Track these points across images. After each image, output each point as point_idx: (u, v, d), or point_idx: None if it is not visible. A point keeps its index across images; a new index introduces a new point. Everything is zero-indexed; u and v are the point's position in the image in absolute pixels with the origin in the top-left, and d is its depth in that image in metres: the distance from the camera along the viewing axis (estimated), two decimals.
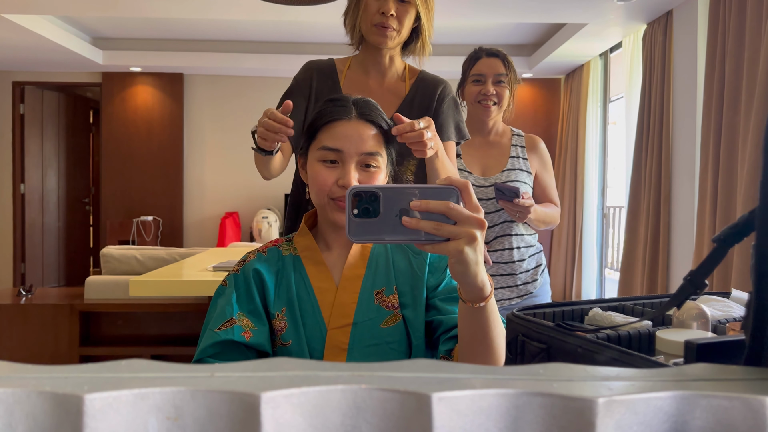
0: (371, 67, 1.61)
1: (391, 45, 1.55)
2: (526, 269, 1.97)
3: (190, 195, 6.66)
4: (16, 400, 0.33)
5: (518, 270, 1.95)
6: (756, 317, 0.40)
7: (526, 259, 1.97)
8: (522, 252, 1.96)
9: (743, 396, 0.34)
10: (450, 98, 1.63)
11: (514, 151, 2.00)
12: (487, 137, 2.02)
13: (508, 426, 0.34)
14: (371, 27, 1.52)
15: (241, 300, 1.04)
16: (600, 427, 0.33)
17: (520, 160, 1.98)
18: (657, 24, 4.17)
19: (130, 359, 0.38)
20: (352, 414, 0.34)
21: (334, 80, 1.61)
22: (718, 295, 1.03)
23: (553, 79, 6.52)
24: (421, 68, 1.67)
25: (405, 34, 1.55)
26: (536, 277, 2.00)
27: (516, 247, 1.95)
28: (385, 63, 1.61)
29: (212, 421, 0.34)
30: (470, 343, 0.83)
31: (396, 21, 1.50)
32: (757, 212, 0.41)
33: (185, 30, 5.72)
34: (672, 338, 0.75)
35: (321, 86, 1.60)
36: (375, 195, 0.69)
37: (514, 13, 4.40)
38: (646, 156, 4.21)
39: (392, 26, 1.50)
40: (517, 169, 1.95)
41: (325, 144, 1.05)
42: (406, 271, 1.08)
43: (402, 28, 1.53)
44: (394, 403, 0.34)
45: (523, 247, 1.97)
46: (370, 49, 1.59)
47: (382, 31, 1.51)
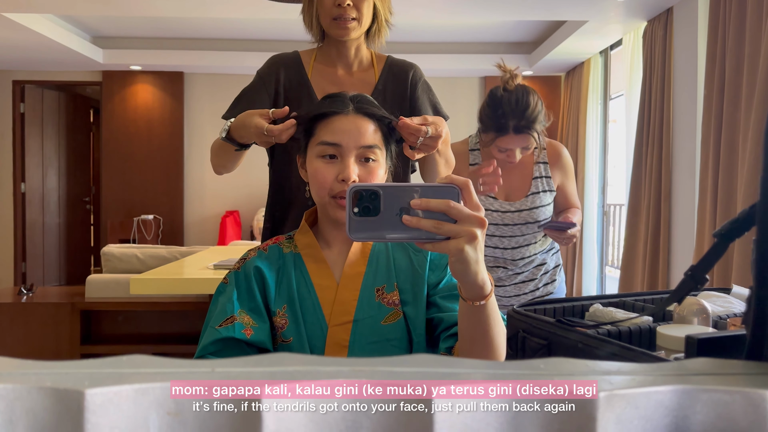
0: (337, 59, 1.59)
1: (354, 36, 1.52)
2: (546, 271, 1.96)
3: (190, 193, 6.66)
4: (17, 395, 0.33)
5: (538, 274, 1.94)
6: (757, 312, 0.40)
7: (546, 262, 1.96)
8: (541, 257, 1.94)
9: (744, 390, 0.34)
10: (422, 81, 1.60)
11: (537, 171, 1.91)
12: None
13: (509, 420, 0.34)
14: (330, 21, 1.49)
15: (242, 297, 1.04)
16: (601, 422, 0.33)
17: (543, 180, 1.92)
18: (657, 21, 4.16)
19: (130, 355, 0.38)
20: (353, 408, 0.34)
21: (301, 72, 1.59)
22: (718, 291, 1.03)
23: (553, 77, 6.51)
24: (388, 54, 1.65)
25: (366, 21, 1.52)
26: (555, 278, 1.98)
27: (535, 254, 1.93)
28: (350, 54, 1.58)
29: (213, 416, 0.34)
30: (470, 341, 0.83)
31: (354, 10, 1.47)
32: (757, 207, 0.41)
33: (186, 28, 5.71)
34: (673, 334, 0.75)
35: (288, 79, 1.57)
36: (375, 193, 0.69)
37: (514, 10, 4.40)
38: (647, 153, 4.21)
39: (351, 16, 1.47)
40: (540, 192, 1.90)
41: (323, 139, 1.05)
42: (407, 269, 1.07)
43: (362, 17, 1.49)
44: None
45: (540, 253, 1.94)
46: (333, 42, 1.57)
47: (343, 23, 1.48)
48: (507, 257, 1.90)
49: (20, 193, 6.49)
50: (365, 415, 0.34)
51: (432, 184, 0.70)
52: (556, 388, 0.33)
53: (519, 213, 1.88)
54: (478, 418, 0.33)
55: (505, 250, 1.90)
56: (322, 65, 1.60)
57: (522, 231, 1.88)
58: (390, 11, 1.59)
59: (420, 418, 0.33)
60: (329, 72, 1.59)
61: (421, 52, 5.89)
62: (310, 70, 1.59)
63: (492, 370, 0.37)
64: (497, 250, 1.90)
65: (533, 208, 1.88)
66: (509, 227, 1.87)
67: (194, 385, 0.34)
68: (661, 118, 4.06)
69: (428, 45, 5.95)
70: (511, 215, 1.88)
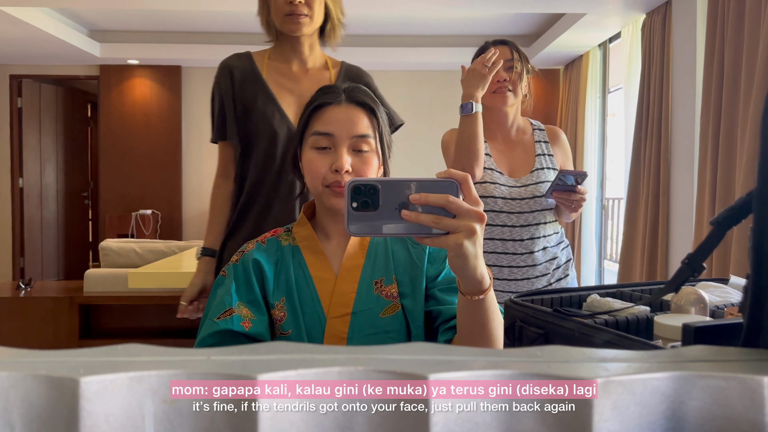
0: (292, 55, 1.64)
1: (307, 31, 1.57)
2: (558, 265, 1.96)
3: (188, 188, 6.65)
4: (12, 383, 0.33)
5: (551, 268, 1.94)
6: (753, 298, 0.40)
7: (558, 256, 1.96)
8: (552, 251, 1.95)
9: (740, 376, 0.34)
10: (377, 91, 1.65)
11: (539, 148, 1.96)
12: (509, 135, 1.98)
13: (505, 409, 0.34)
14: (283, 17, 1.54)
15: (240, 290, 1.04)
16: (597, 408, 0.33)
17: (547, 157, 1.96)
18: (656, 14, 4.15)
19: (126, 344, 0.38)
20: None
21: (254, 70, 1.63)
22: (716, 281, 1.03)
23: (551, 70, 6.50)
24: (342, 59, 1.70)
25: (318, 18, 1.57)
26: (567, 272, 1.99)
27: (546, 235, 1.93)
28: (305, 51, 1.63)
29: (208, 403, 0.34)
30: (469, 335, 0.84)
31: (305, 6, 1.53)
32: (754, 194, 0.41)
33: (183, 22, 5.69)
34: (670, 323, 0.75)
35: (241, 78, 1.62)
36: (374, 188, 0.69)
37: (512, 3, 4.39)
38: (645, 147, 4.21)
39: (303, 12, 1.53)
40: (545, 168, 1.93)
41: (316, 129, 1.05)
42: (405, 261, 1.08)
43: (313, 13, 1.55)
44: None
45: (550, 247, 1.95)
46: (287, 39, 1.62)
47: (295, 18, 1.53)
48: (516, 237, 1.90)
49: (18, 188, 6.48)
50: (363, 414, 0.34)
51: (431, 179, 0.69)
52: (553, 374, 0.33)
53: (525, 187, 1.90)
54: (474, 404, 0.33)
55: (514, 229, 1.89)
56: (276, 62, 1.65)
57: (530, 206, 1.89)
58: (342, 11, 1.65)
59: (416, 416, 0.33)
60: (284, 68, 1.64)
61: (417, 45, 5.88)
62: (264, 67, 1.64)
63: (489, 357, 0.37)
64: (506, 229, 1.90)
65: (538, 183, 1.90)
66: (517, 201, 1.89)
67: (190, 373, 0.34)
68: (659, 112, 4.05)
69: (425, 38, 5.94)
70: (518, 190, 1.90)
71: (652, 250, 4.10)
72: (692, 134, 3.76)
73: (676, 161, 3.97)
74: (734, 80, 3.17)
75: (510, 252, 1.91)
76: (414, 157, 6.05)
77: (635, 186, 4.32)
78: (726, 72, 3.21)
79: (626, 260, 4.37)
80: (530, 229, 1.90)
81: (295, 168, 1.14)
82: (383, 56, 5.97)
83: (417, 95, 6.45)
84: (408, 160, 6.14)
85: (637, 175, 4.30)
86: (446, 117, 6.56)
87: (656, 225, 4.09)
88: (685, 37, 3.86)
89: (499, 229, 1.90)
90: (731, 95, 3.18)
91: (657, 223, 4.08)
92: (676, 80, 3.95)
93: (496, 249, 1.91)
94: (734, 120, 3.16)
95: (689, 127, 3.81)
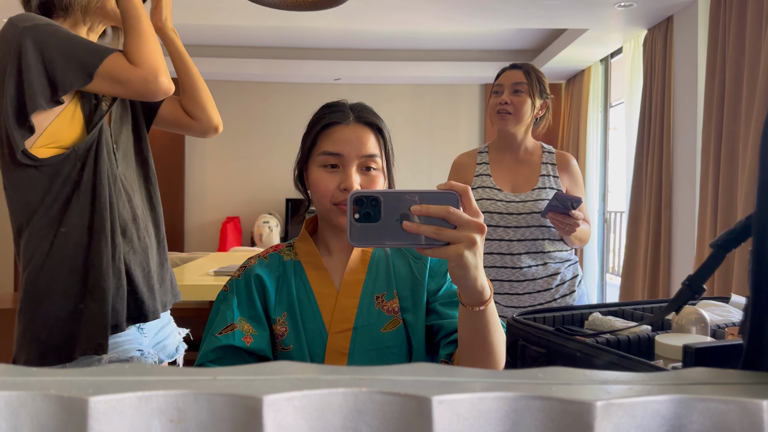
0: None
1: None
2: (562, 281, 1.96)
3: (191, 200, 6.67)
4: (21, 402, 0.33)
5: (553, 284, 1.94)
6: (753, 321, 0.40)
7: (561, 272, 1.95)
8: (555, 266, 1.94)
9: (740, 399, 0.34)
10: None
11: (545, 169, 1.97)
12: (517, 154, 1.99)
13: (508, 429, 0.34)
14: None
15: (242, 305, 1.05)
16: (598, 431, 0.33)
17: (551, 178, 1.96)
18: (657, 30, 4.18)
19: (133, 363, 0.39)
20: (353, 417, 0.34)
21: None
22: (717, 300, 1.03)
23: (553, 85, 6.53)
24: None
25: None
26: (573, 288, 1.98)
27: (546, 251, 1.93)
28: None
29: (215, 424, 0.34)
30: (470, 347, 0.84)
31: None
32: (754, 217, 0.41)
33: (187, 35, 5.73)
34: (671, 343, 0.75)
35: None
36: (376, 199, 0.69)
37: (514, 18, 4.42)
38: (647, 161, 4.21)
39: None
40: (547, 188, 1.93)
41: (325, 149, 1.05)
42: (407, 276, 1.08)
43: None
44: (395, 406, 0.34)
45: (552, 263, 1.94)
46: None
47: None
48: (513, 251, 1.90)
49: None
50: (365, 423, 0.34)
51: (432, 191, 0.70)
52: (554, 397, 0.34)
53: (524, 203, 1.91)
54: (477, 427, 0.34)
55: (511, 243, 1.90)
56: None
57: (527, 221, 1.89)
58: None
59: (419, 426, 0.34)
60: None
61: (422, 59, 5.91)
62: None
63: (491, 379, 0.37)
64: (503, 243, 1.90)
65: (538, 200, 1.91)
66: (513, 216, 1.89)
67: (197, 393, 0.34)
68: (661, 126, 4.07)
69: (429, 52, 5.98)
70: (516, 205, 1.91)
71: (654, 263, 4.09)
72: (694, 148, 3.77)
73: (678, 175, 3.97)
74: (735, 96, 3.18)
75: (509, 266, 1.91)
76: (416, 169, 6.07)
77: (637, 199, 4.33)
78: (727, 87, 3.22)
79: (628, 274, 4.37)
80: (527, 244, 1.91)
81: (300, 185, 1.15)
82: (386, 70, 6.01)
83: (419, 109, 6.48)
84: (410, 172, 6.16)
85: (639, 188, 4.31)
86: (448, 131, 6.59)
87: (658, 239, 4.08)
88: (686, 52, 3.88)
89: (497, 243, 1.91)
90: (732, 110, 3.19)
91: (659, 237, 4.08)
92: (678, 95, 3.97)
93: (495, 263, 1.92)
94: (736, 134, 3.17)
95: (691, 141, 3.82)
